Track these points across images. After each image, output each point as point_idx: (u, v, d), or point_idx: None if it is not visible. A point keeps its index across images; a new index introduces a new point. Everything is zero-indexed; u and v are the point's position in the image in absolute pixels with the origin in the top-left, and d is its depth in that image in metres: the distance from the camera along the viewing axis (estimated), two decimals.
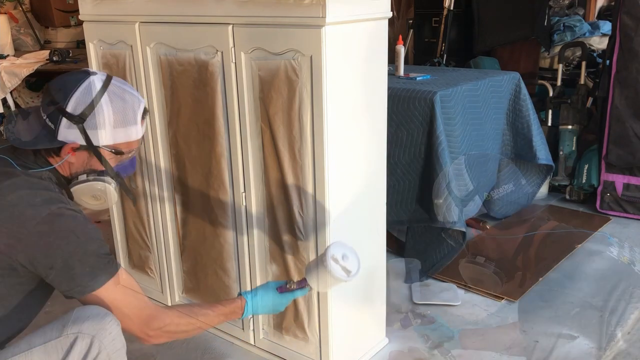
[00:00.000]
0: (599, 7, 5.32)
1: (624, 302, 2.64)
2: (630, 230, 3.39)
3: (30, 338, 1.47)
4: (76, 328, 1.43)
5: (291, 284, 1.69)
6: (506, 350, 2.32)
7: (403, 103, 2.70)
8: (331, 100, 1.82)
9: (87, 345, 1.43)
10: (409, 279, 2.84)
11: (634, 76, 3.38)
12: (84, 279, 1.39)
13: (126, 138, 1.51)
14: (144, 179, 2.50)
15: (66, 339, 1.43)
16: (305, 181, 1.93)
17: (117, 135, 1.49)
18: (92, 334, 1.43)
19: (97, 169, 1.52)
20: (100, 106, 1.45)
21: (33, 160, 1.48)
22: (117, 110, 1.48)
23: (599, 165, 3.62)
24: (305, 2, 1.74)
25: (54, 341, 1.44)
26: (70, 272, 1.38)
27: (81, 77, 1.48)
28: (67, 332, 1.44)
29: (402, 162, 2.75)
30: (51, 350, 1.43)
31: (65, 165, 1.51)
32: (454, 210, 2.58)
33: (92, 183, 1.52)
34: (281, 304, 1.69)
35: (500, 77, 3.12)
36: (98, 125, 1.46)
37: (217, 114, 2.10)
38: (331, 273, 1.60)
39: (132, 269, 2.78)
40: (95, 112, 1.45)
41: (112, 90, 1.48)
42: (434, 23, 4.77)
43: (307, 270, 1.69)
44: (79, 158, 1.50)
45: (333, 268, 1.61)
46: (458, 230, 2.65)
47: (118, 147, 1.51)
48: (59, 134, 1.45)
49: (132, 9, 2.27)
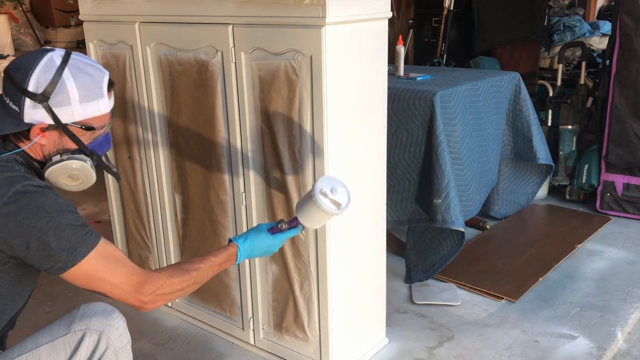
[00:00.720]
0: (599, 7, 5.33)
1: (624, 302, 2.64)
2: (630, 230, 3.39)
3: (36, 337, 1.46)
4: (84, 324, 1.45)
5: (282, 224, 1.64)
6: (506, 350, 2.32)
7: (403, 103, 2.70)
8: (331, 100, 1.82)
9: (95, 341, 1.45)
10: (409, 278, 2.84)
11: (634, 76, 3.38)
12: (63, 254, 1.33)
13: (95, 112, 1.46)
14: (144, 179, 2.50)
15: (74, 336, 1.44)
16: (305, 181, 1.94)
17: (84, 110, 1.44)
18: (99, 330, 1.45)
19: (71, 148, 1.47)
20: (62, 82, 1.40)
21: (2, 146, 1.43)
22: (81, 84, 1.42)
23: (599, 165, 3.62)
24: (305, 2, 1.74)
25: (61, 338, 1.44)
26: (47, 249, 1.32)
27: (39, 54, 1.43)
28: (74, 328, 1.45)
29: (402, 162, 2.75)
30: (59, 348, 1.44)
31: (37, 148, 1.45)
32: (453, 210, 2.58)
33: (66, 162, 1.46)
34: (274, 245, 1.64)
35: (500, 77, 3.12)
36: (63, 102, 1.40)
37: (217, 114, 2.10)
38: (321, 207, 1.55)
39: None
40: (58, 88, 1.39)
41: (73, 65, 1.43)
42: (434, 23, 4.77)
43: (297, 208, 1.63)
44: (50, 139, 1.45)
45: (322, 202, 1.55)
46: (457, 231, 2.65)
47: (88, 122, 1.46)
48: (25, 116, 1.40)
49: (132, 9, 2.27)
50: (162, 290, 1.42)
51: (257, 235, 1.62)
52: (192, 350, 2.38)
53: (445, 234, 2.76)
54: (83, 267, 1.36)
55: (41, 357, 1.44)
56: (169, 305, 2.61)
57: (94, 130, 1.49)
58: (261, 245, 1.62)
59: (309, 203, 1.58)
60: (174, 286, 1.45)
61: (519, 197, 3.58)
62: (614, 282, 2.81)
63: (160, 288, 1.42)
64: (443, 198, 2.57)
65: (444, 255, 2.76)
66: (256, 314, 2.26)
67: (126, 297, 1.41)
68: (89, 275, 1.38)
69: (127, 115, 2.45)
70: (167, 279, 1.44)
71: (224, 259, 1.57)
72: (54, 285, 2.95)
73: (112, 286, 1.40)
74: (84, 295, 2.76)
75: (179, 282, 1.46)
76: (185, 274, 1.47)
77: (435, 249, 2.79)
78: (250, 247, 1.60)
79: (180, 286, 1.46)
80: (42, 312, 2.71)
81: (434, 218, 2.61)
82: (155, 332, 2.50)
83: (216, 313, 2.44)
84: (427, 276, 2.81)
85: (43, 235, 1.31)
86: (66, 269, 1.35)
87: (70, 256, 1.34)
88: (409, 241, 2.91)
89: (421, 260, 2.83)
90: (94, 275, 1.38)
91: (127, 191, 2.61)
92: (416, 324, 2.52)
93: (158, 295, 1.42)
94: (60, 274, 1.37)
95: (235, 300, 2.33)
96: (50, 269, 1.35)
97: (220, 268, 1.57)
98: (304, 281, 2.06)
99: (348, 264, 2.07)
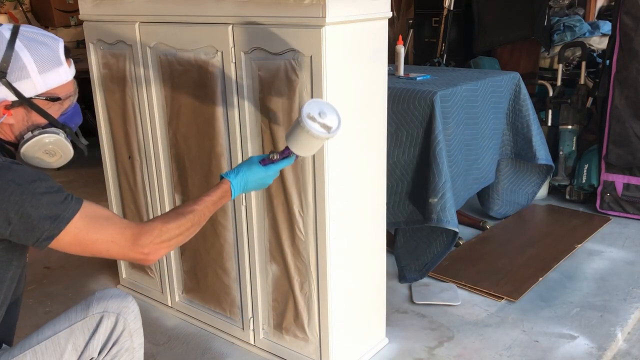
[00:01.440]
0: (599, 7, 5.32)
1: (624, 302, 2.64)
2: (630, 230, 3.39)
3: (54, 324, 1.47)
4: (101, 307, 1.48)
5: (274, 154, 1.60)
6: (506, 350, 2.32)
7: (403, 103, 2.70)
8: (331, 100, 1.82)
9: (112, 323, 1.48)
10: (404, 278, 2.83)
11: (634, 76, 3.38)
12: (46, 223, 1.28)
13: (57, 82, 1.42)
14: (144, 179, 2.50)
15: (92, 319, 1.47)
16: (305, 181, 1.94)
17: (45, 81, 1.41)
18: (117, 312, 1.48)
19: (42, 124, 1.44)
20: (16, 55, 1.36)
21: None
22: (36, 55, 1.38)
23: (599, 165, 3.62)
24: (305, 2, 1.74)
25: (80, 322, 1.46)
26: (28, 220, 1.27)
27: None
28: (92, 312, 1.47)
29: (401, 163, 2.74)
30: (78, 332, 1.46)
31: (6, 129, 1.42)
32: (449, 210, 2.58)
33: (39, 137, 1.42)
34: (267, 176, 1.61)
35: (500, 77, 3.12)
36: (22, 76, 1.37)
37: (217, 114, 2.10)
38: (310, 132, 1.50)
39: (132, 268, 2.78)
40: (13, 62, 1.35)
41: (24, 36, 1.38)
42: (434, 23, 4.78)
43: (287, 137, 1.58)
44: (17, 117, 1.41)
45: (311, 126, 1.50)
46: (449, 231, 2.65)
47: (52, 93, 1.42)
48: None
49: (132, 9, 2.27)
50: (160, 238, 1.39)
51: (249, 169, 1.58)
52: (192, 350, 2.38)
53: (436, 234, 2.76)
54: (71, 231, 1.31)
55: (60, 343, 1.45)
56: (169, 306, 2.62)
57: (61, 101, 1.46)
58: (254, 178, 1.58)
59: (298, 129, 1.53)
60: (171, 232, 1.41)
61: (519, 197, 3.58)
62: (614, 282, 2.81)
63: (158, 236, 1.39)
64: (439, 197, 2.57)
65: (435, 254, 2.76)
66: (256, 314, 2.26)
67: (126, 253, 1.38)
68: (80, 240, 1.33)
69: (127, 115, 2.45)
70: (163, 225, 1.40)
71: (219, 197, 1.54)
72: (54, 285, 2.95)
73: (108, 244, 1.35)
74: (84, 295, 2.76)
75: (176, 226, 1.42)
76: (180, 218, 1.44)
77: (427, 249, 2.79)
78: (243, 180, 1.57)
79: (179, 230, 1.43)
80: (42, 312, 2.71)
81: (429, 217, 2.61)
82: (155, 332, 2.50)
83: (216, 313, 2.44)
84: (421, 275, 2.81)
85: (20, 208, 1.27)
86: (53, 237, 1.30)
87: (54, 223, 1.29)
88: (399, 240, 2.90)
89: (414, 260, 2.83)
90: (85, 238, 1.33)
91: (127, 191, 2.61)
92: (416, 324, 2.52)
93: (158, 244, 1.39)
94: (49, 244, 1.31)
95: (235, 300, 2.33)
96: (38, 241, 1.30)
97: (216, 206, 1.54)
98: (304, 281, 2.06)
99: (348, 264, 2.07)
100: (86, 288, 2.90)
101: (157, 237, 1.39)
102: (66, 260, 3.14)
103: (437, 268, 2.90)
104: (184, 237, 1.45)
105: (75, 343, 1.45)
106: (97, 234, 1.34)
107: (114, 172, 2.66)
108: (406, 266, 2.85)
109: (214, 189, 1.55)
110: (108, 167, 2.66)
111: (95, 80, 2.54)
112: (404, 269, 2.85)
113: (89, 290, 2.87)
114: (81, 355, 1.46)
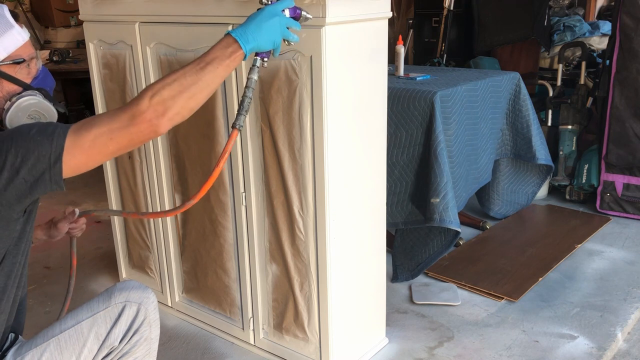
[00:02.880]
0: (599, 7, 5.33)
1: (624, 302, 2.64)
2: (630, 230, 3.39)
3: (76, 314, 1.50)
4: (123, 297, 1.51)
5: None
6: (506, 350, 2.32)
7: (403, 103, 2.70)
8: (331, 100, 1.82)
9: (134, 312, 1.51)
10: (395, 278, 2.83)
11: (634, 76, 3.38)
12: (45, 147, 1.25)
13: (15, 44, 1.44)
14: (144, 179, 2.50)
15: (115, 308, 1.50)
16: (305, 181, 1.94)
17: (4, 46, 1.42)
18: (138, 302, 1.52)
19: (17, 91, 1.46)
20: None
21: None
22: None
23: (598, 165, 3.63)
24: (305, 2, 1.74)
25: (102, 312, 1.49)
26: (31, 155, 1.25)
27: None
28: (114, 301, 1.50)
29: (400, 163, 2.74)
30: (100, 321, 1.49)
31: None
32: (451, 210, 2.58)
33: (18, 102, 1.44)
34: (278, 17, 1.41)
35: (500, 77, 3.12)
36: None
37: (217, 114, 2.10)
38: None
39: (132, 268, 2.79)
40: None
41: None
42: (434, 23, 4.78)
43: None
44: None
45: None
46: (449, 230, 2.65)
47: (14, 56, 1.44)
48: None
49: (132, 9, 2.27)
50: (162, 96, 1.27)
51: (252, 18, 1.40)
52: (192, 350, 2.38)
53: (434, 234, 2.76)
54: (73, 141, 1.27)
55: (83, 332, 1.47)
56: (169, 306, 2.62)
57: (27, 63, 1.47)
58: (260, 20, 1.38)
59: None
60: (174, 87, 1.28)
61: (519, 197, 3.58)
62: (614, 282, 2.81)
63: (154, 96, 1.27)
64: (441, 197, 2.57)
65: (431, 254, 2.76)
66: (256, 314, 2.26)
67: (131, 129, 1.27)
68: (82, 144, 1.27)
69: None
70: (154, 84, 1.30)
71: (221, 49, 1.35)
72: (54, 285, 2.96)
73: (110, 131, 1.27)
74: (84, 295, 2.76)
75: (172, 79, 1.29)
76: (175, 72, 1.32)
77: (423, 248, 2.79)
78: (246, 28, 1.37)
79: (180, 87, 1.29)
80: (42, 312, 2.71)
81: (431, 217, 2.61)
82: None
83: (216, 313, 2.44)
84: (412, 275, 2.81)
85: (14, 147, 1.25)
86: (60, 158, 1.26)
87: (55, 141, 1.25)
88: (396, 239, 2.90)
89: (408, 259, 2.83)
90: (85, 139, 1.27)
91: (127, 191, 2.61)
92: (416, 324, 2.52)
93: (161, 102, 1.27)
94: (61, 167, 1.27)
95: (235, 300, 2.33)
96: (49, 169, 1.26)
97: (221, 61, 1.34)
98: (304, 281, 2.06)
99: (348, 264, 2.07)
100: (86, 288, 2.90)
101: (156, 95, 1.27)
102: (66, 261, 3.13)
103: (437, 268, 2.90)
104: (187, 92, 1.30)
105: (98, 332, 1.48)
106: (94, 128, 1.27)
107: (114, 172, 2.66)
108: (400, 265, 2.85)
109: (217, 45, 1.36)
110: (108, 167, 2.66)
111: (95, 80, 2.54)
112: (397, 268, 2.85)
113: (89, 290, 2.87)
114: (103, 344, 1.49)
